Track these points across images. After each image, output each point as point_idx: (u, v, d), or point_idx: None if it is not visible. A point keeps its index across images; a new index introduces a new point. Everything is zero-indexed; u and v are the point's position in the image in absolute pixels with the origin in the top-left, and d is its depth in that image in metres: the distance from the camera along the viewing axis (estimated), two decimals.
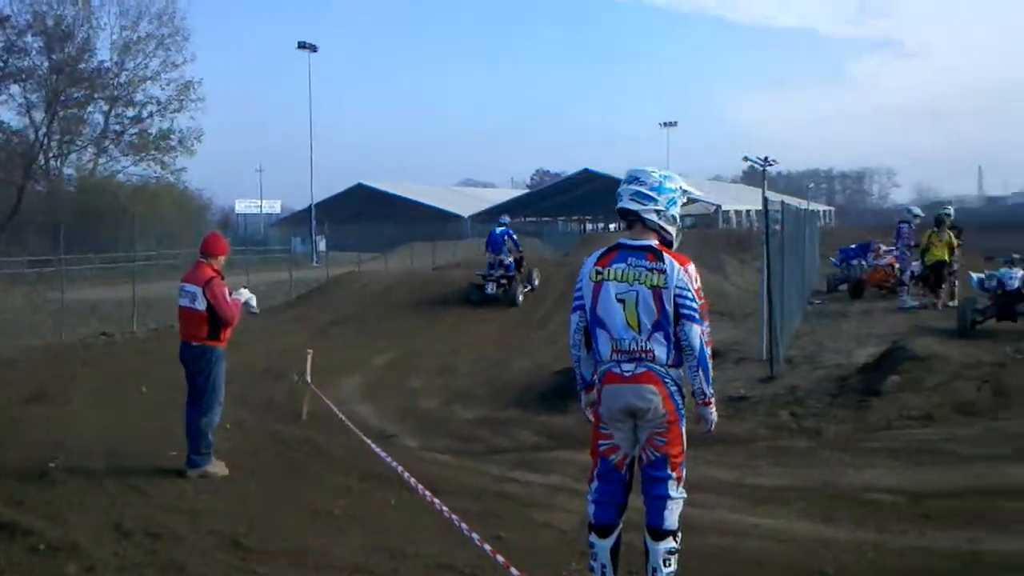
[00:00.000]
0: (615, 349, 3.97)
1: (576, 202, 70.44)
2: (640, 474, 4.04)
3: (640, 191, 4.08)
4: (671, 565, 3.89)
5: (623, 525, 4.02)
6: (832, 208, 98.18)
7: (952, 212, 17.98)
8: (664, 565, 3.88)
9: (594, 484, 4.08)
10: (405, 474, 5.86)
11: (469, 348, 16.42)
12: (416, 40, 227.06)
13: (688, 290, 3.91)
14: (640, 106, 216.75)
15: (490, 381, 13.22)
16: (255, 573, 4.93)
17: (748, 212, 62.57)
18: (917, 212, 19.19)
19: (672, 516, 3.93)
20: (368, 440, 7.33)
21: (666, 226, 4.10)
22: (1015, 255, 14.54)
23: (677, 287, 3.90)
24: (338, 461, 7.50)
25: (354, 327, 19.14)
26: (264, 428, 8.78)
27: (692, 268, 3.98)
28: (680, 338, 3.92)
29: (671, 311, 3.90)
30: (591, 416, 4.18)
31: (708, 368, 3.96)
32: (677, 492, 3.97)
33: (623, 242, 4.09)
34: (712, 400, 4.04)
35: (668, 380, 3.94)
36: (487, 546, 4.38)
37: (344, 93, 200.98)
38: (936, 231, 16.86)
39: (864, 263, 20.76)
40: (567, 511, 5.92)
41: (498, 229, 21.91)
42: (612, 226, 66.72)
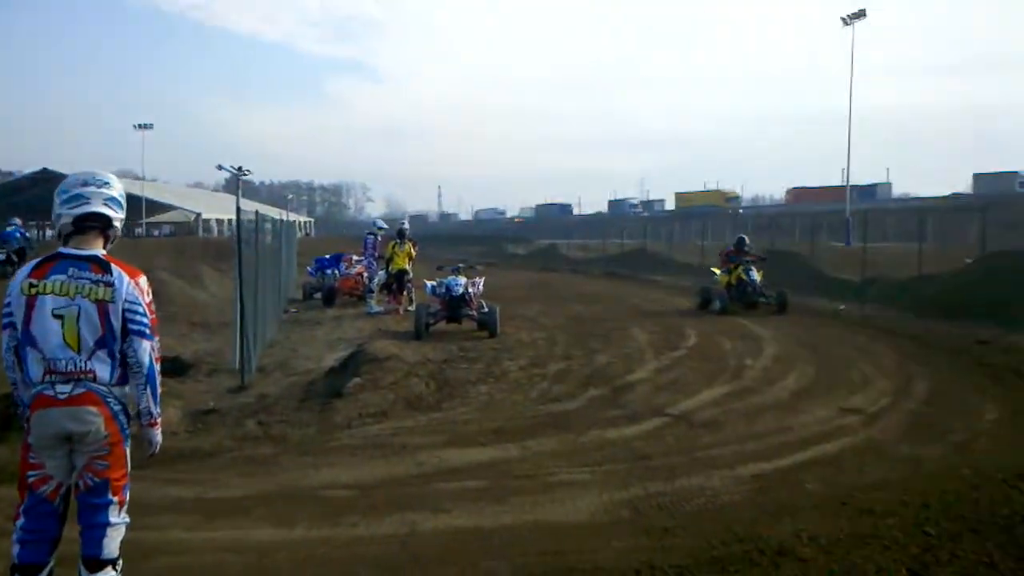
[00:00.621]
0: (48, 371, 3.64)
1: (32, 204, 62.56)
2: (77, 503, 3.76)
3: (114, 197, 3.84)
4: None
5: (54, 563, 3.70)
6: (312, 219, 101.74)
7: (408, 225, 20.07)
8: None
9: (20, 521, 3.68)
10: None
11: None
12: None
13: (139, 304, 3.75)
14: (109, 104, 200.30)
15: None
16: None
17: (229, 221, 61.76)
18: (382, 225, 20.96)
19: (112, 544, 3.73)
20: None
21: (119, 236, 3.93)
22: (460, 264, 16.67)
23: (127, 301, 3.72)
24: None
25: None
26: None
27: (144, 281, 3.83)
28: (128, 355, 3.74)
29: (118, 327, 3.70)
30: None
31: (157, 386, 3.84)
32: (119, 518, 3.77)
33: (64, 251, 3.76)
34: (159, 421, 3.92)
35: (111, 399, 3.73)
36: None
37: None
38: (398, 242, 18.61)
39: (337, 272, 21.98)
40: None
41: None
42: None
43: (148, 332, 3.76)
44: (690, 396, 9.62)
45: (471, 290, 15.25)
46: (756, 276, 18.33)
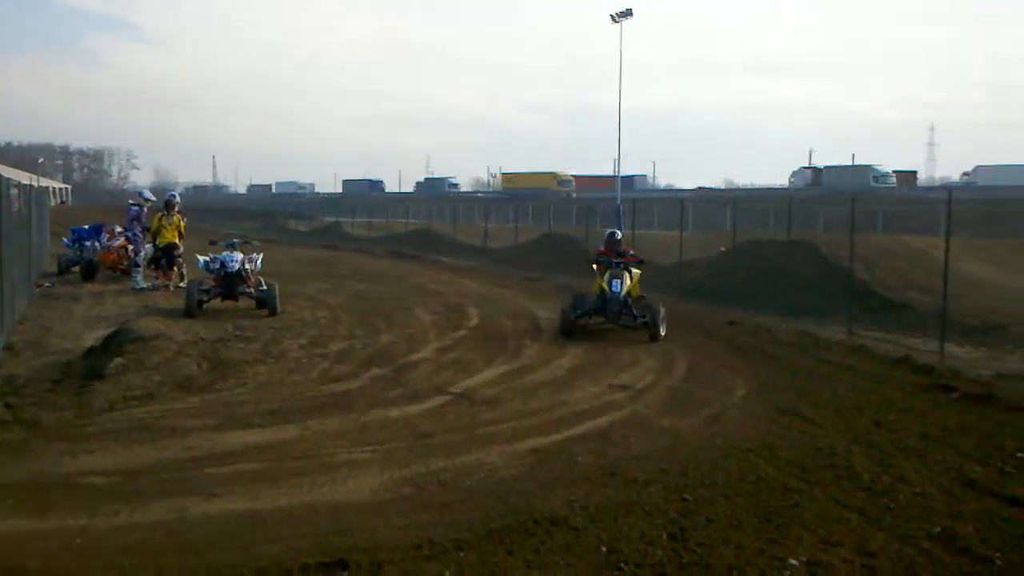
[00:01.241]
0: None
1: None
2: None
3: None
4: None
5: None
6: (69, 186, 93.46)
7: (178, 196, 18.93)
8: None
9: None
10: None
11: None
12: None
13: None
14: None
15: None
16: None
17: None
18: (149, 196, 19.62)
19: None
20: None
21: None
22: (236, 240, 15.95)
23: None
24: None
25: None
26: None
27: None
28: None
29: None
30: None
31: None
32: None
33: None
34: None
35: None
36: None
37: None
38: (165, 214, 17.52)
39: (98, 244, 20.35)
40: None
41: None
42: None
43: None
44: (472, 375, 9.82)
45: (248, 266, 14.62)
46: (624, 287, 13.06)
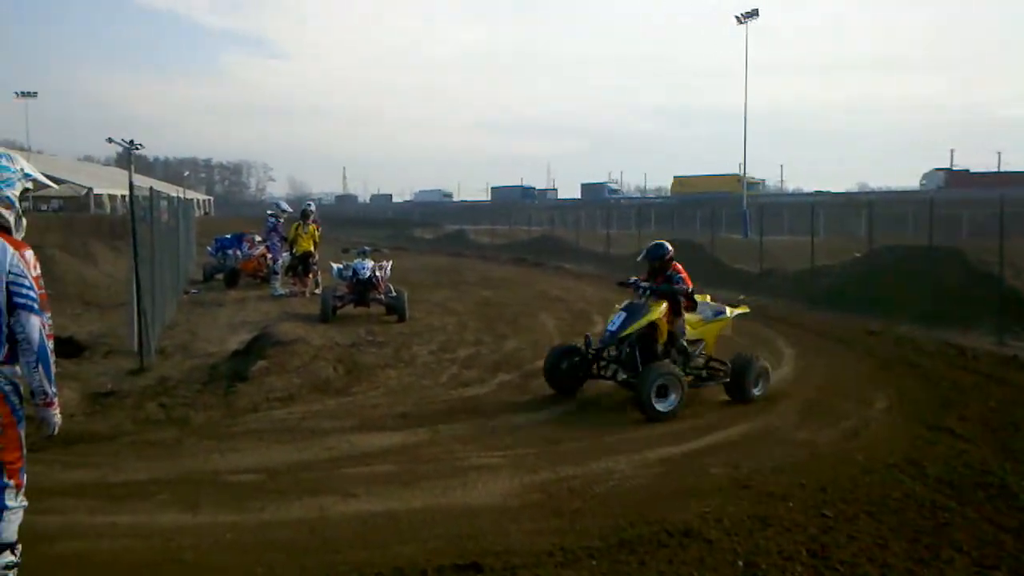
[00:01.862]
0: None
1: None
2: None
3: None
4: None
5: None
6: (211, 197, 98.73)
7: (314, 207, 19.70)
8: None
9: None
10: None
11: None
12: None
13: (25, 277, 3.58)
14: None
15: None
16: None
17: (123, 196, 59.25)
18: (285, 207, 20.47)
19: (11, 528, 3.59)
20: None
21: (1, 210, 3.70)
22: (367, 248, 16.46)
23: (11, 274, 3.54)
24: None
25: None
26: None
27: (30, 254, 3.66)
28: (16, 331, 3.57)
29: (3, 301, 3.52)
30: None
31: (50, 364, 3.67)
32: (16, 501, 3.62)
33: None
34: (55, 400, 3.76)
35: (0, 380, 3.56)
36: None
37: None
38: (302, 224, 18.25)
39: (239, 253, 21.39)
40: None
41: None
42: None
43: (36, 307, 3.60)
44: (597, 381, 9.75)
45: (378, 274, 15.09)
46: (633, 325, 8.77)
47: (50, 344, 3.66)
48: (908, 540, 5.13)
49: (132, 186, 10.88)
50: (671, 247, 9.22)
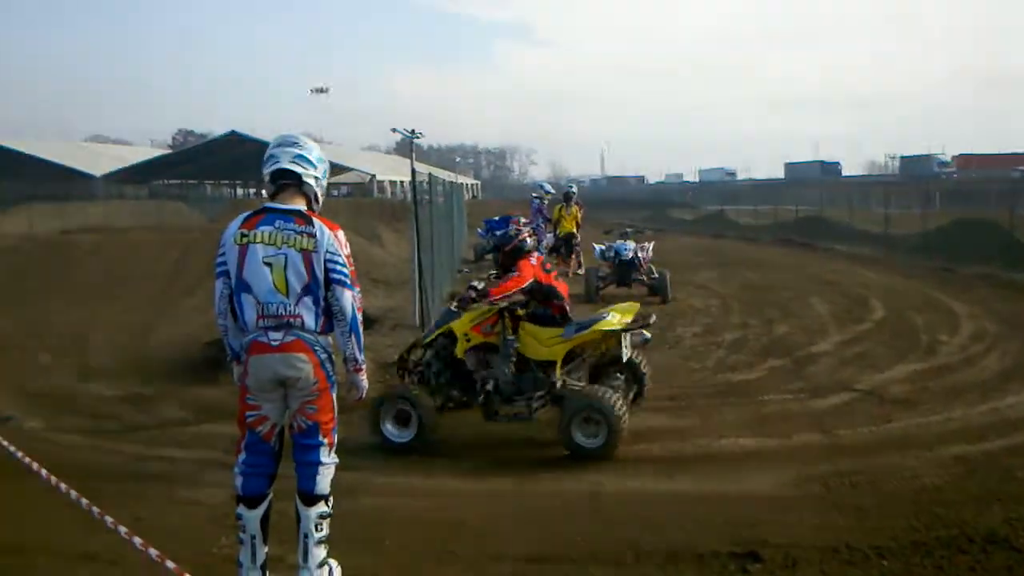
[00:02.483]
0: (261, 315, 3.86)
1: (224, 165, 66.81)
2: (291, 441, 3.99)
3: (303, 155, 4.03)
4: (323, 529, 3.92)
5: (273, 495, 3.96)
6: (479, 182, 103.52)
7: (576, 189, 20.00)
8: (316, 530, 3.89)
9: (242, 456, 3.97)
10: (25, 459, 5.20)
11: (106, 318, 14.92)
12: None
13: (339, 255, 3.92)
14: (286, 69, 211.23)
15: (131, 354, 12.17)
16: None
17: (402, 183, 63.74)
18: (548, 189, 20.97)
19: (324, 481, 3.95)
20: None
21: (320, 194, 4.09)
22: (628, 229, 16.48)
23: (328, 252, 3.89)
24: None
25: None
26: None
27: (342, 234, 4.00)
28: (332, 303, 3.92)
29: (321, 276, 3.89)
30: None
31: (360, 334, 4.01)
32: (329, 458, 3.99)
33: (270, 206, 3.99)
34: (364, 367, 4.10)
35: (318, 348, 3.93)
36: (122, 528, 4.06)
37: None
38: (565, 206, 18.61)
39: None
40: (215, 486, 5.69)
41: None
42: (263, 192, 64.05)
43: (348, 282, 3.93)
44: (880, 371, 9.10)
45: (640, 255, 15.07)
46: None
47: (360, 316, 4.01)
48: None
49: (414, 172, 11.63)
50: None
